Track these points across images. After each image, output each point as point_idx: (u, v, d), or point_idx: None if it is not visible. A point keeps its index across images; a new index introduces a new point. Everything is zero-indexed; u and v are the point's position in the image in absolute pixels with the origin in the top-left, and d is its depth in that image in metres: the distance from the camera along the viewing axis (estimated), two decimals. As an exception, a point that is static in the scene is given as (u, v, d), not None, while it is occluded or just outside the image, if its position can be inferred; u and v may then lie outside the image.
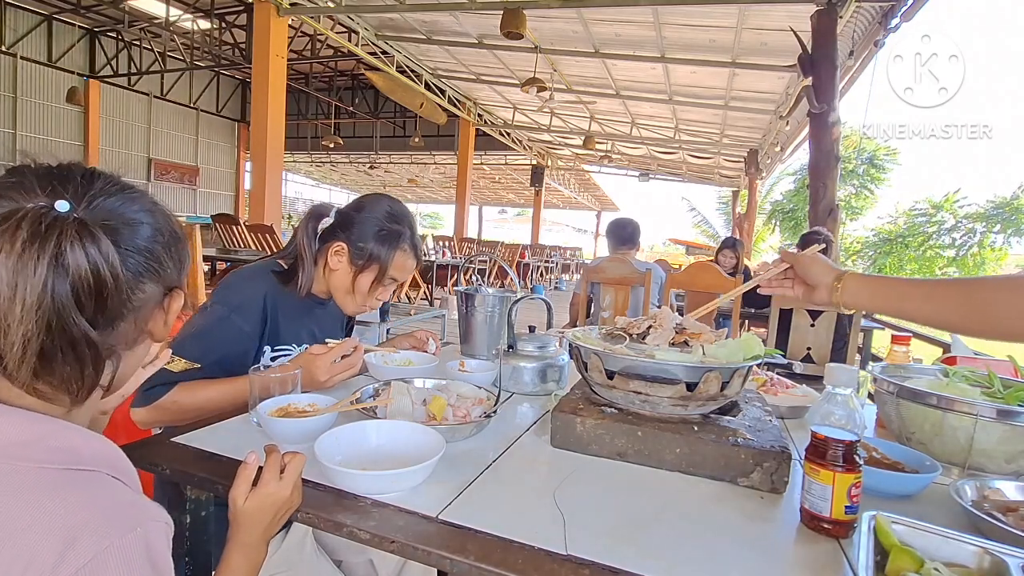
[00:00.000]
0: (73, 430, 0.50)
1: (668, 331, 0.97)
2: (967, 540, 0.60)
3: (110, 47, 11.93)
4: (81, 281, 0.47)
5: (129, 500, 0.49)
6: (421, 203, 32.70)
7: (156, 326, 0.59)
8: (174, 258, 0.59)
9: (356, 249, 1.19)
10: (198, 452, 0.83)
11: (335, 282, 1.21)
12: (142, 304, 0.55)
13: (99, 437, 0.52)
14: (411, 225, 1.25)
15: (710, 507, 0.74)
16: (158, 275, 0.56)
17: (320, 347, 1.09)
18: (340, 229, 1.20)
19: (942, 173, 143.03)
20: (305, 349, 1.13)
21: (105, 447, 0.52)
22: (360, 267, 1.19)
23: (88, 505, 0.45)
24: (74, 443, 0.49)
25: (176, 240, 0.59)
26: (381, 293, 1.25)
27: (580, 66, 7.89)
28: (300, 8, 6.49)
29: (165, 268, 0.57)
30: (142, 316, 0.56)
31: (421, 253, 1.28)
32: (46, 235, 0.46)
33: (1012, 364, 1.07)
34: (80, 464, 0.48)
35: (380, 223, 1.20)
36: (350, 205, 1.24)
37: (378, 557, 1.06)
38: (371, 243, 1.19)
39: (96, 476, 0.49)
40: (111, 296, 0.50)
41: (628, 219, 3.21)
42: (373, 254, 1.19)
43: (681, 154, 12.23)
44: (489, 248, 9.80)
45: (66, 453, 0.48)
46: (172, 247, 0.58)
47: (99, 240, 0.49)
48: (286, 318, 1.17)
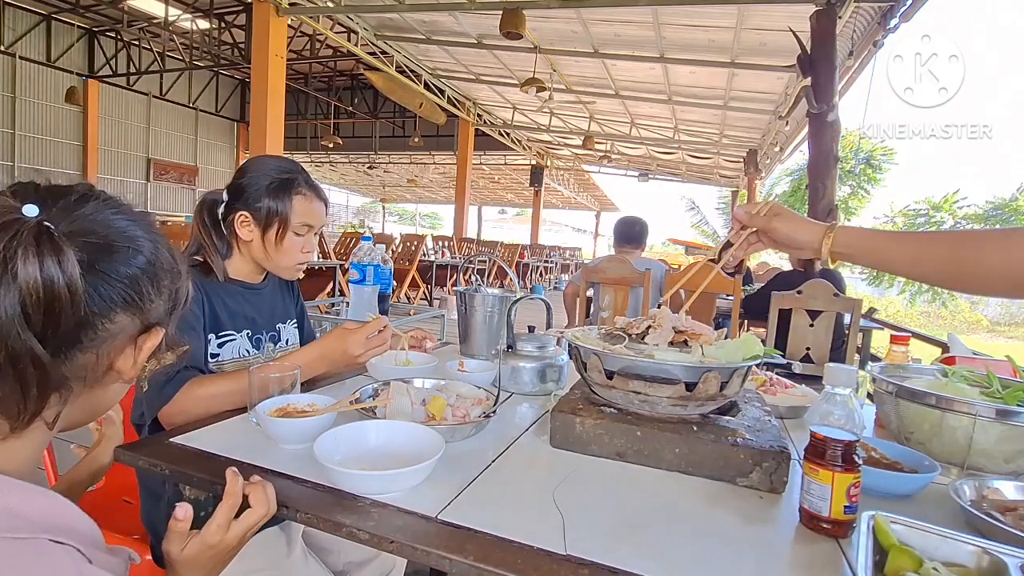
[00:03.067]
0: (9, 486, 0.43)
1: (667, 331, 0.97)
2: (966, 540, 0.60)
3: (109, 47, 11.93)
4: (30, 291, 0.42)
5: (72, 573, 0.42)
6: (420, 203, 32.72)
7: (125, 364, 0.53)
8: (163, 294, 0.54)
9: (256, 211, 1.16)
10: (197, 452, 0.83)
11: (256, 253, 1.19)
12: (109, 336, 0.50)
13: (44, 492, 0.45)
14: (301, 171, 1.22)
15: (709, 507, 0.74)
16: (137, 307, 0.51)
17: (353, 323, 1.11)
18: (235, 200, 1.17)
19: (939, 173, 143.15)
20: (236, 335, 1.15)
21: (50, 505, 0.44)
22: (267, 226, 1.17)
23: None
24: (9, 503, 0.42)
25: (172, 276, 0.55)
26: (305, 245, 1.22)
27: (579, 66, 7.90)
28: (299, 8, 6.49)
29: (147, 302, 0.52)
30: (108, 349, 0.50)
31: (323, 194, 1.25)
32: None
33: (1011, 364, 1.07)
34: (14, 531, 0.40)
35: (269, 177, 1.17)
36: (235, 175, 1.22)
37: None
38: (266, 199, 1.16)
39: (33, 546, 0.41)
40: (64, 315, 0.45)
41: (636, 218, 3.16)
42: (271, 208, 1.16)
43: (680, 154, 12.24)
44: (488, 248, 9.81)
45: (3, 518, 0.41)
46: (163, 281, 0.54)
47: (61, 252, 0.44)
48: (220, 306, 1.16)
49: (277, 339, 1.27)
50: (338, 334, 1.11)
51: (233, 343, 1.16)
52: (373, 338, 1.12)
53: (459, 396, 1.03)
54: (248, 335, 1.19)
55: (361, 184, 24.09)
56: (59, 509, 0.45)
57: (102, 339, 0.50)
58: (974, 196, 22.10)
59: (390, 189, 25.01)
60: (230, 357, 1.15)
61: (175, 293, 0.56)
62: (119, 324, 0.50)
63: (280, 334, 1.28)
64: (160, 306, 0.54)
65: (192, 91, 13.97)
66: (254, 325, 1.21)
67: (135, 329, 0.52)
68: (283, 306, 1.32)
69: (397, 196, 27.76)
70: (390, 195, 26.92)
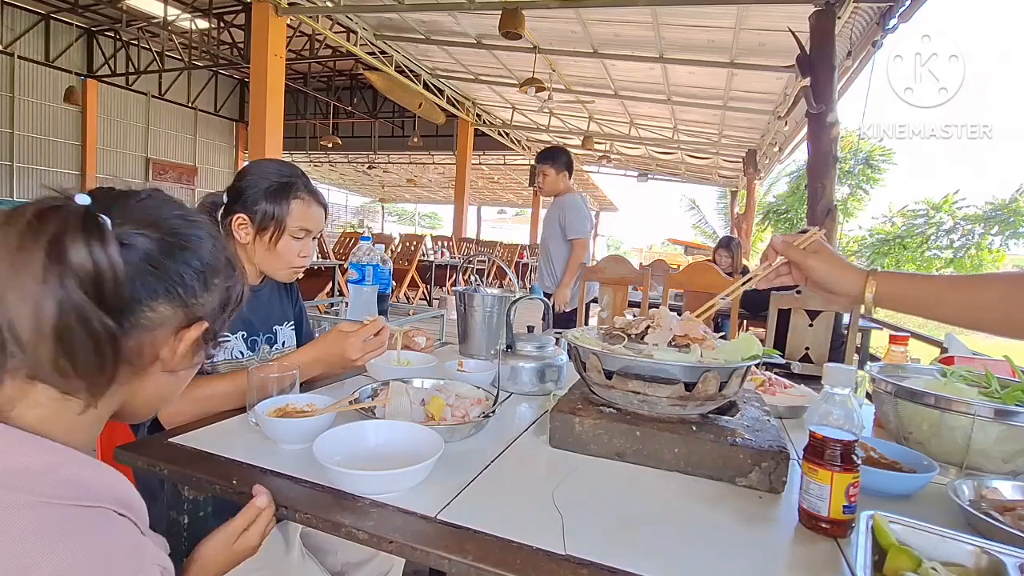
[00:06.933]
0: (85, 462, 0.48)
1: (666, 331, 0.97)
2: (965, 539, 0.60)
3: (108, 47, 11.89)
4: (79, 270, 0.46)
5: (131, 543, 0.47)
6: (420, 203, 32.68)
7: (167, 353, 0.55)
8: (212, 291, 0.57)
9: (254, 214, 1.16)
10: (196, 452, 0.83)
11: (251, 255, 1.19)
12: (152, 324, 0.53)
13: (110, 470, 0.50)
14: (300, 175, 1.22)
15: (708, 507, 0.74)
16: (180, 299, 0.54)
17: (350, 324, 1.10)
18: (234, 203, 1.17)
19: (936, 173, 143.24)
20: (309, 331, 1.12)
21: (116, 481, 0.49)
22: (264, 229, 1.16)
23: (89, 550, 0.43)
24: (84, 476, 0.47)
25: (225, 275, 0.58)
26: (302, 249, 1.21)
27: (579, 66, 7.89)
28: (298, 8, 6.48)
29: (193, 296, 0.55)
30: (151, 337, 0.53)
31: (322, 199, 1.24)
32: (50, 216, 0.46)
33: (1009, 364, 1.07)
34: (87, 500, 0.46)
35: (268, 180, 1.17)
36: (235, 178, 1.22)
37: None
38: (264, 203, 1.16)
39: (101, 514, 0.46)
40: (106, 297, 0.48)
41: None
42: (269, 212, 1.16)
43: (680, 154, 12.24)
44: (488, 248, 9.80)
45: (75, 487, 0.46)
46: (213, 280, 0.57)
47: (105, 237, 0.48)
48: None
49: (273, 341, 1.27)
50: (335, 337, 1.10)
51: (227, 344, 1.16)
52: (370, 341, 1.10)
53: (458, 396, 1.03)
54: (243, 336, 1.19)
55: (360, 184, 24.06)
56: (123, 486, 0.50)
57: (144, 326, 0.52)
58: (973, 196, 22.11)
59: (389, 189, 24.99)
60: (224, 358, 1.15)
61: (227, 292, 0.59)
62: (162, 313, 0.53)
63: (276, 336, 1.28)
64: (208, 302, 0.57)
65: (191, 91, 13.93)
66: (250, 327, 1.21)
67: (179, 321, 0.55)
68: (280, 308, 1.32)
69: (396, 196, 27.73)
70: (389, 195, 26.89)
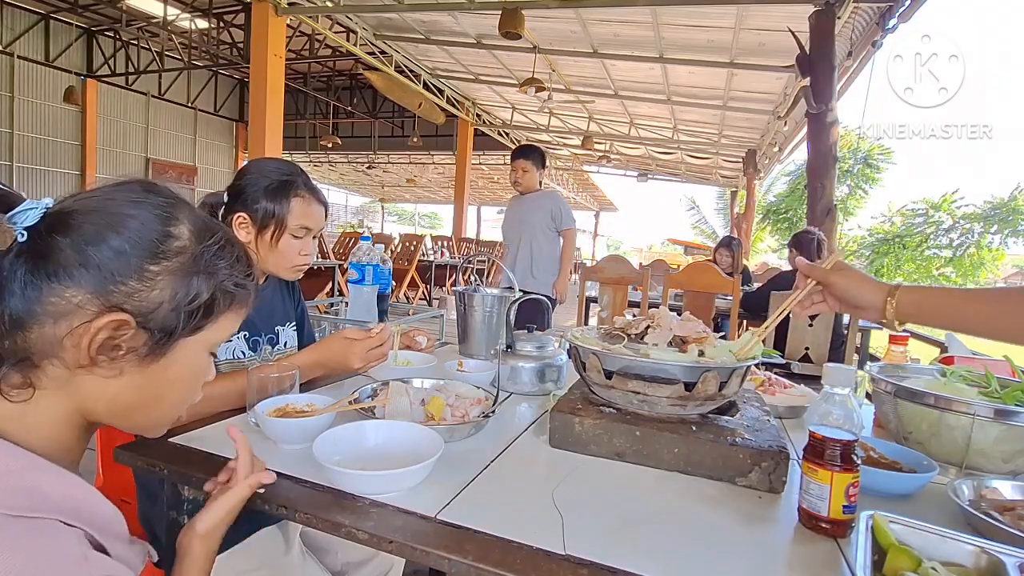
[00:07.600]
0: (45, 468, 0.45)
1: (666, 331, 0.97)
2: (964, 539, 0.60)
3: (107, 46, 11.88)
4: None
5: (74, 555, 0.42)
6: (419, 203, 32.69)
7: (68, 343, 0.47)
8: (148, 280, 0.49)
9: (254, 213, 1.16)
10: (196, 452, 0.83)
11: (255, 256, 1.18)
12: (59, 312, 0.47)
13: (74, 479, 0.46)
14: (300, 173, 1.21)
15: (708, 507, 0.74)
16: (92, 284, 0.47)
17: (355, 331, 1.10)
18: (235, 202, 1.17)
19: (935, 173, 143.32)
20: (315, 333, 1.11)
21: (77, 491, 0.46)
22: (265, 228, 1.16)
23: (9, 558, 0.39)
24: (41, 483, 0.44)
25: (160, 257, 0.50)
26: (303, 248, 1.21)
27: (578, 66, 7.89)
28: (298, 8, 6.48)
29: (111, 280, 0.48)
30: (58, 327, 0.47)
31: (322, 197, 1.24)
32: None
33: (1009, 364, 1.07)
34: (34, 510, 0.42)
35: (268, 179, 1.17)
36: (235, 177, 1.21)
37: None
38: (264, 201, 1.15)
39: (40, 524, 0.42)
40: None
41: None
42: (270, 210, 1.16)
43: (679, 154, 12.24)
44: (488, 248, 9.80)
45: (25, 495, 0.42)
46: (147, 262, 0.49)
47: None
48: None
49: (275, 342, 1.27)
50: (340, 345, 1.09)
51: (228, 344, 1.16)
52: (373, 351, 1.10)
53: (458, 396, 1.03)
54: (245, 337, 1.19)
55: (360, 184, 24.06)
56: (82, 495, 0.46)
57: (49, 313, 0.47)
58: (973, 196, 22.11)
59: (389, 189, 24.98)
60: (225, 358, 1.15)
61: (163, 277, 0.50)
62: (70, 300, 0.47)
63: (278, 336, 1.28)
64: (130, 286, 0.48)
65: (191, 91, 13.92)
66: (251, 327, 1.21)
67: (92, 308, 0.47)
68: (282, 308, 1.32)
69: (396, 196, 27.72)
70: (389, 195, 26.89)
